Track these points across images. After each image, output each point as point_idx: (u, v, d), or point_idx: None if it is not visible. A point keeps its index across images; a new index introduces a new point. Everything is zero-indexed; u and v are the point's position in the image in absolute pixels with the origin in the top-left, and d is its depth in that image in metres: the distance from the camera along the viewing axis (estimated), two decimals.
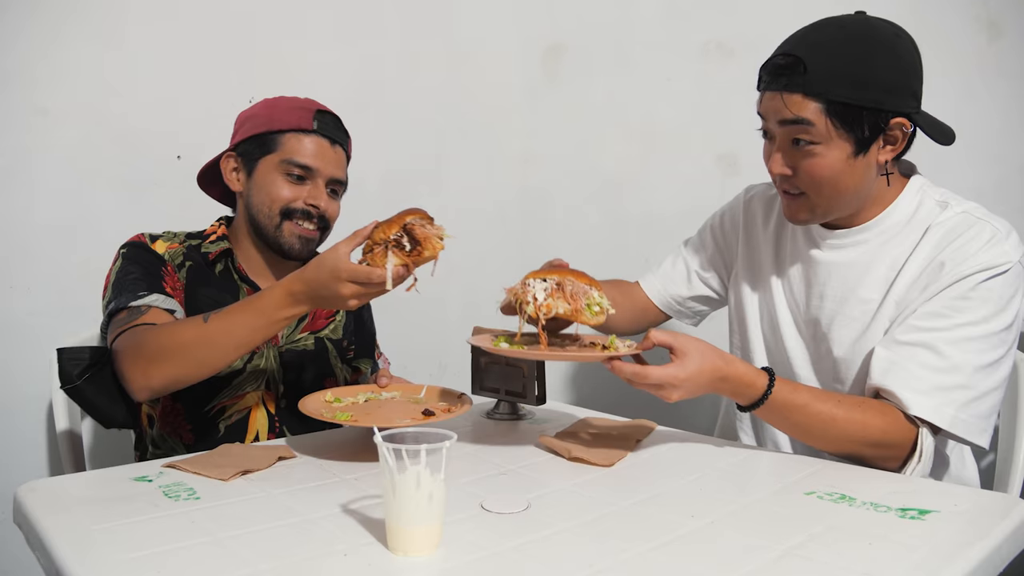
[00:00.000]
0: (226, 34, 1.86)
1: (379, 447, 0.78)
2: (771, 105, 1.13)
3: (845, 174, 1.12)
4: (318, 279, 1.07)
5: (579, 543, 0.82)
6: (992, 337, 1.07)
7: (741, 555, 0.77)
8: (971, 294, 1.08)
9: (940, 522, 0.85)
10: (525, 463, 1.11)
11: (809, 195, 1.16)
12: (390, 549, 0.78)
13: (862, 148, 1.11)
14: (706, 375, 1.05)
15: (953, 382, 1.06)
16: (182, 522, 0.86)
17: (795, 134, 1.12)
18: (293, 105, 1.34)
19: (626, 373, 1.04)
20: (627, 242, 2.23)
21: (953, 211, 1.15)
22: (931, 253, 1.13)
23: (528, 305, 1.07)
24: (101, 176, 1.72)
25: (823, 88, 1.07)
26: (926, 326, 1.09)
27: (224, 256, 1.37)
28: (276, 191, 1.32)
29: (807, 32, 1.13)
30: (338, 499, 0.93)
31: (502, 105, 2.30)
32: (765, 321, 1.35)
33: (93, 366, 1.21)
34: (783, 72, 1.10)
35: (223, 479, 1.00)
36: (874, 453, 1.08)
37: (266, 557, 0.77)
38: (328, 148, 1.34)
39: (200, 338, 1.13)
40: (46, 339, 1.51)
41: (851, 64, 1.07)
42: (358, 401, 1.28)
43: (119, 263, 1.30)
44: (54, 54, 1.66)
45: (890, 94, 1.09)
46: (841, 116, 1.08)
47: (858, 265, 1.21)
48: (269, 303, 1.11)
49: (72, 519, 0.87)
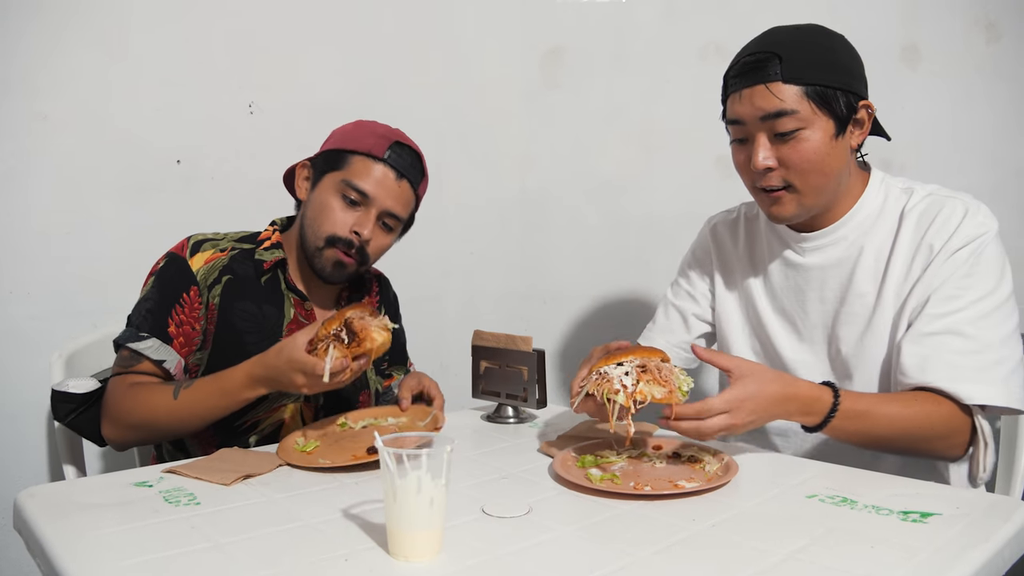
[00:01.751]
0: (227, 39, 1.86)
1: (380, 452, 0.78)
2: (750, 102, 1.14)
3: (831, 156, 1.14)
4: (276, 366, 1.14)
5: (581, 547, 0.82)
6: (1004, 306, 1.11)
7: (743, 559, 0.77)
8: (973, 269, 1.11)
9: (942, 525, 0.85)
10: (526, 467, 1.10)
11: (795, 184, 1.16)
12: (391, 554, 0.78)
13: (841, 128, 1.14)
14: (769, 395, 1.03)
15: (989, 360, 1.08)
16: (183, 527, 0.86)
17: (778, 127, 1.13)
18: (377, 131, 1.33)
19: (688, 414, 0.99)
20: (627, 243, 2.23)
21: (920, 195, 1.19)
22: (914, 237, 1.16)
23: (618, 394, 0.96)
24: (101, 181, 1.72)
25: (800, 73, 1.11)
26: (944, 311, 1.11)
27: (276, 265, 1.35)
28: (328, 208, 1.30)
29: (765, 36, 1.17)
30: (339, 504, 0.93)
31: (502, 107, 2.30)
32: (755, 339, 1.35)
33: (82, 406, 1.28)
34: (758, 67, 1.13)
35: (224, 484, 1.00)
36: (942, 445, 1.09)
37: (267, 562, 0.77)
38: (392, 180, 1.30)
39: (169, 412, 1.20)
40: (46, 344, 1.51)
41: (819, 52, 1.13)
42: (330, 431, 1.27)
43: (151, 280, 1.31)
44: (54, 60, 1.66)
45: (855, 79, 1.14)
46: (821, 96, 1.11)
47: (847, 261, 1.22)
48: (232, 385, 1.18)
49: (72, 525, 0.86)
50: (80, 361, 1.40)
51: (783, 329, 1.30)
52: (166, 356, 1.26)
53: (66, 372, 1.35)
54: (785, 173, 1.16)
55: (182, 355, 1.28)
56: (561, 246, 2.32)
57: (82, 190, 1.70)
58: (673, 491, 0.95)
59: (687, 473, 1.03)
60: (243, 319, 1.30)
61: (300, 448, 1.16)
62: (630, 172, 2.21)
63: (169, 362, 1.27)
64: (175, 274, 1.30)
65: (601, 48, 2.21)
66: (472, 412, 1.48)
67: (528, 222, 2.34)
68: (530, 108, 2.30)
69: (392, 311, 1.56)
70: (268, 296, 1.34)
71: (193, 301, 1.28)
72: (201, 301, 1.29)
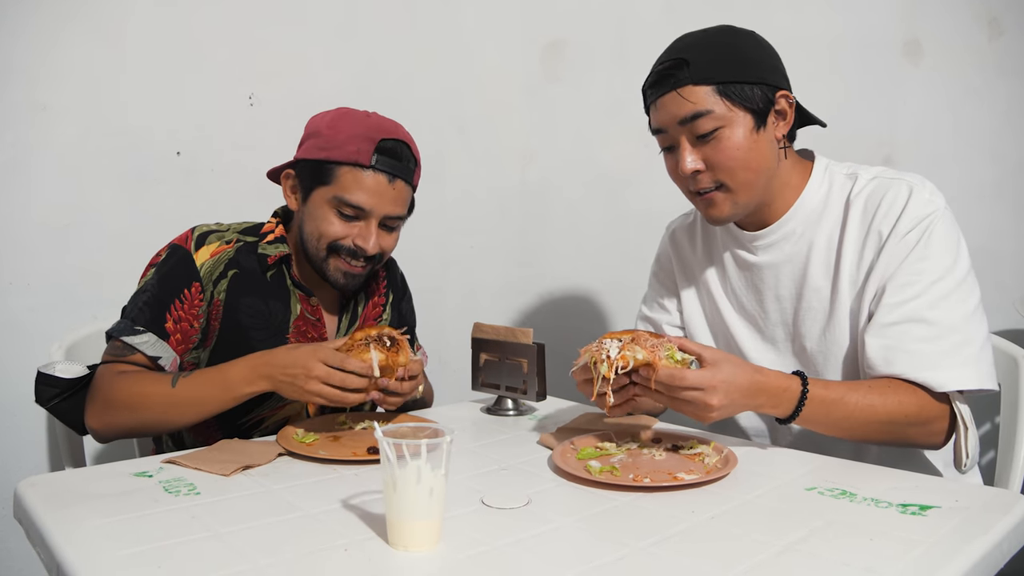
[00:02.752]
0: (227, 29, 1.85)
1: (379, 442, 0.78)
2: (666, 109, 1.16)
3: (755, 150, 1.15)
4: (290, 356, 1.12)
5: (580, 538, 0.82)
6: (962, 285, 1.10)
7: (742, 551, 0.77)
8: (926, 252, 1.10)
9: (941, 518, 0.85)
10: (526, 459, 1.10)
11: (726, 183, 1.17)
12: (390, 544, 0.78)
13: (761, 121, 1.15)
14: (741, 383, 1.03)
15: (954, 342, 1.07)
16: (182, 517, 0.86)
17: (697, 129, 1.14)
18: (356, 131, 1.24)
19: (662, 376, 1.01)
20: (627, 237, 2.23)
21: (864, 179, 1.19)
22: (862, 225, 1.16)
23: (602, 364, 1.02)
24: (100, 172, 1.72)
25: (708, 73, 1.13)
26: (902, 299, 1.10)
27: (280, 261, 1.32)
28: (326, 226, 1.25)
29: (674, 44, 1.19)
30: (338, 494, 0.93)
31: (503, 101, 2.30)
32: (720, 341, 1.34)
33: (66, 391, 1.23)
34: (668, 74, 1.15)
35: (224, 474, 1.00)
36: (920, 432, 1.09)
37: (266, 552, 0.77)
38: (386, 185, 1.25)
39: (165, 401, 1.16)
40: (45, 336, 1.51)
41: (725, 51, 1.14)
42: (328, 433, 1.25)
43: (152, 271, 1.27)
44: (55, 50, 1.65)
45: (768, 72, 1.15)
46: (734, 92, 1.13)
47: (798, 256, 1.22)
48: (234, 378, 1.15)
49: (72, 515, 0.86)
50: (79, 353, 1.40)
51: (746, 330, 1.30)
52: (162, 352, 1.22)
53: None
54: (714, 174, 1.16)
55: (178, 352, 1.24)
56: (562, 239, 2.32)
57: (82, 181, 1.70)
58: (672, 483, 0.96)
59: (686, 465, 1.03)
60: (249, 315, 1.28)
61: (299, 439, 1.16)
62: (631, 166, 2.21)
63: (164, 359, 1.23)
64: (177, 267, 1.26)
65: (602, 41, 2.21)
66: (472, 405, 1.48)
67: (528, 215, 2.34)
68: (531, 101, 2.30)
69: (400, 293, 1.53)
70: (274, 291, 1.31)
71: (194, 297, 1.25)
72: (203, 298, 1.25)
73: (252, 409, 1.28)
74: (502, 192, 2.33)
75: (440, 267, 2.30)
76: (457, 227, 2.31)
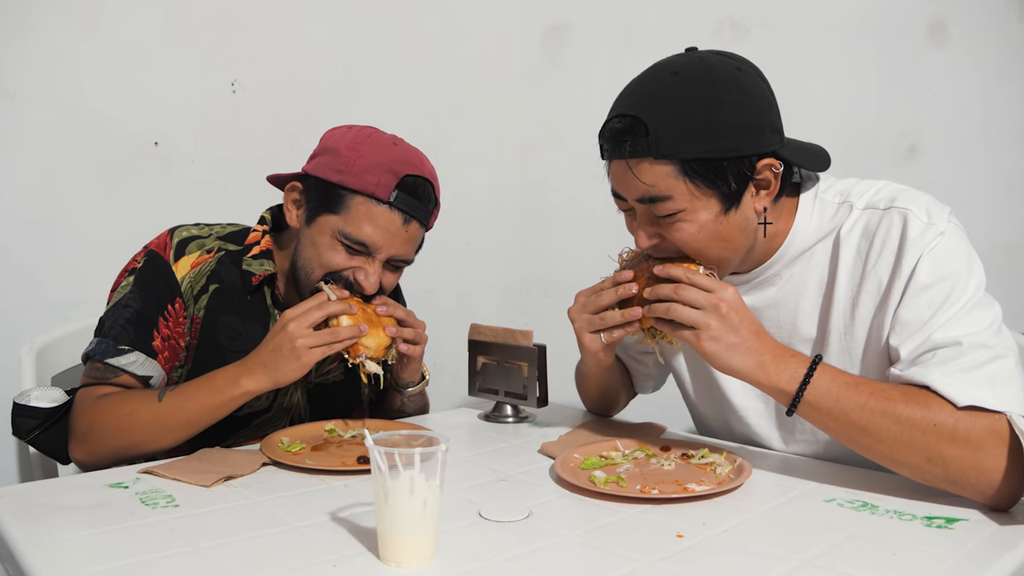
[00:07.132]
0: (208, 10, 1.85)
1: (370, 451, 0.78)
2: (621, 179, 1.06)
3: (719, 235, 1.05)
4: (267, 342, 1.15)
5: (583, 554, 0.82)
6: (982, 300, 0.99)
7: (757, 567, 0.77)
8: (934, 283, 0.99)
9: (968, 531, 0.85)
10: (526, 469, 1.10)
11: (693, 257, 1.09)
12: (381, 559, 0.78)
13: (732, 202, 1.04)
14: (751, 317, 1.02)
15: (987, 356, 0.95)
16: (160, 531, 0.85)
17: (654, 211, 1.05)
18: (379, 160, 1.19)
19: (674, 269, 1.03)
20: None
21: (857, 211, 1.08)
22: (855, 268, 1.07)
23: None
24: (74, 164, 1.71)
25: (672, 148, 0.99)
26: (921, 320, 0.99)
27: (265, 281, 1.29)
28: (328, 258, 1.21)
29: (638, 85, 1.06)
30: (326, 506, 0.93)
31: (501, 88, 2.30)
32: (704, 387, 1.28)
33: (45, 424, 1.21)
34: (623, 137, 1.02)
35: (204, 485, 1.00)
36: (956, 455, 0.90)
37: (249, 568, 0.77)
38: (399, 226, 1.20)
39: (151, 417, 1.15)
40: (14, 338, 1.51)
41: (697, 113, 0.99)
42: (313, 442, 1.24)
43: (127, 282, 1.24)
44: (23, 34, 1.65)
45: (748, 137, 1.01)
46: (701, 173, 1.01)
47: (785, 302, 1.15)
48: (222, 380, 1.15)
49: (43, 528, 0.86)
50: (51, 356, 1.40)
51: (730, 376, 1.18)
52: (152, 371, 1.21)
53: (37, 367, 1.35)
54: (673, 247, 1.08)
55: (165, 371, 1.23)
56: (562, 235, 2.32)
57: (53, 174, 1.70)
58: (682, 494, 0.95)
59: (697, 475, 1.03)
60: (227, 336, 1.26)
61: (285, 448, 1.16)
62: None
63: (155, 378, 1.22)
64: (158, 280, 1.23)
65: (608, 24, 2.20)
66: (468, 411, 1.48)
67: (528, 210, 2.34)
68: (531, 89, 2.29)
69: (394, 295, 1.51)
70: (253, 311, 1.29)
71: (179, 315, 1.23)
72: (187, 314, 1.24)
73: (240, 429, 1.28)
74: (500, 186, 2.33)
75: (434, 266, 2.29)
76: (452, 223, 2.30)
